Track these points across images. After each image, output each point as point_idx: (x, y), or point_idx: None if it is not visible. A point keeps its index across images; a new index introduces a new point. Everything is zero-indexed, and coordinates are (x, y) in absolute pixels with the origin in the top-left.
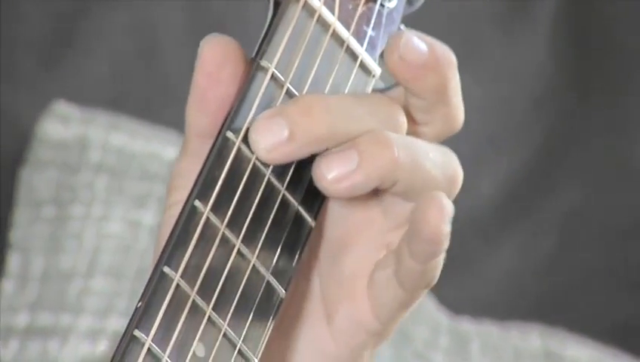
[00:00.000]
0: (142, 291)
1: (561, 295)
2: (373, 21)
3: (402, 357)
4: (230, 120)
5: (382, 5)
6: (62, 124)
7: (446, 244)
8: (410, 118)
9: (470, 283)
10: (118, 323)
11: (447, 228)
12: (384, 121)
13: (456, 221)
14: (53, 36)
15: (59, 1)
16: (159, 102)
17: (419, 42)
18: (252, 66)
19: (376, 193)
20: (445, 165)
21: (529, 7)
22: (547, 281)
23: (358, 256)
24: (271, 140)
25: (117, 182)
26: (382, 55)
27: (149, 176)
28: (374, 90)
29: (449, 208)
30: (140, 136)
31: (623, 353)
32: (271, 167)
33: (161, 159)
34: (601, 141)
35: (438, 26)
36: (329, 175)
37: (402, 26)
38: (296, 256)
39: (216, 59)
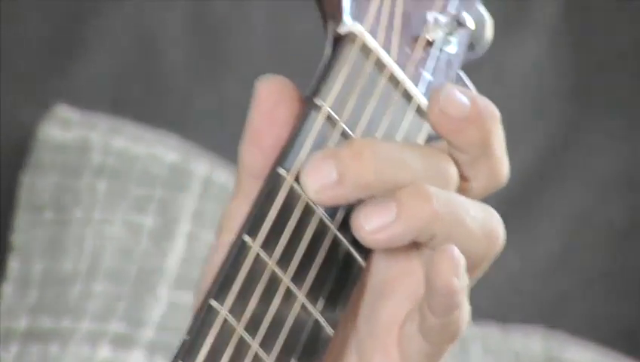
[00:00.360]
0: (189, 324)
1: (562, 298)
2: (430, 66)
3: None
4: (283, 157)
5: (441, 50)
6: (63, 128)
7: (461, 298)
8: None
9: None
10: (118, 327)
11: (458, 282)
12: (434, 172)
13: None
14: (54, 39)
15: (60, 4)
16: (160, 105)
17: (460, 95)
18: (307, 105)
19: (417, 245)
20: (486, 223)
21: (529, 9)
22: (548, 284)
23: (394, 306)
24: (320, 182)
25: (118, 185)
26: None
27: (149, 179)
28: (430, 136)
29: (461, 261)
30: (140, 139)
31: (625, 356)
32: (322, 207)
33: (162, 162)
34: (603, 144)
35: None
36: (367, 226)
37: (461, 73)
38: (346, 296)
39: (271, 99)
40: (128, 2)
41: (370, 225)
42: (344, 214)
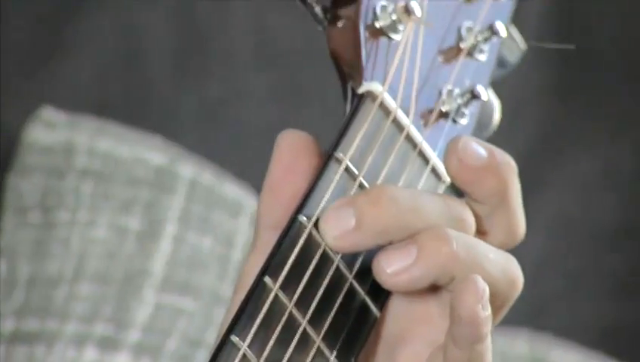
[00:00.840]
0: (209, 358)
1: (548, 300)
2: (443, 136)
3: None
4: (303, 204)
5: (454, 121)
6: (48, 130)
7: (485, 329)
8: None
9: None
10: (104, 329)
11: (483, 311)
12: (451, 218)
13: None
14: (38, 41)
15: (43, 7)
16: (145, 107)
17: (477, 146)
18: (327, 158)
19: (435, 291)
20: (505, 267)
21: (515, 10)
22: (534, 286)
23: (413, 352)
24: (339, 228)
25: (103, 187)
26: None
27: (135, 181)
28: None
29: (486, 290)
30: (125, 141)
31: (610, 358)
32: (340, 255)
33: (147, 164)
34: (587, 145)
35: None
36: (388, 268)
37: None
38: (360, 344)
39: (292, 152)
40: (112, 4)
41: (391, 268)
42: (360, 264)
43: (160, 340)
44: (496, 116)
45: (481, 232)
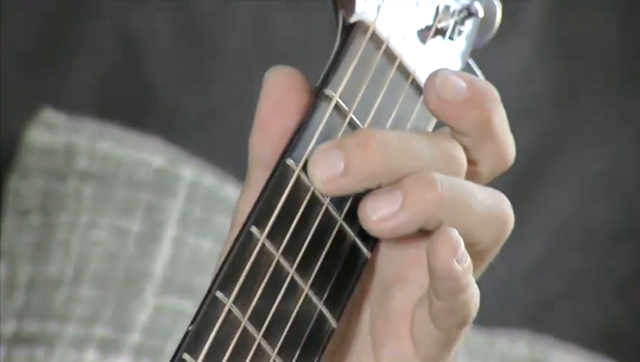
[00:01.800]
0: (194, 314)
1: (548, 301)
2: (440, 55)
3: None
4: (291, 147)
5: (450, 39)
6: (49, 132)
7: (466, 281)
8: None
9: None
10: (104, 331)
11: (458, 265)
12: (442, 159)
13: None
14: (39, 42)
15: (44, 7)
16: (146, 109)
17: (457, 79)
18: (316, 95)
19: (426, 234)
20: (494, 206)
21: (516, 11)
22: (534, 288)
23: (406, 294)
24: (327, 172)
25: (104, 189)
26: None
27: (135, 183)
28: (437, 125)
29: (460, 243)
30: (126, 143)
31: (610, 360)
32: (329, 197)
33: (148, 166)
34: (589, 146)
35: None
36: (374, 215)
37: (470, 61)
38: (350, 287)
39: (280, 89)
40: (114, 6)
41: (376, 215)
42: (350, 205)
43: (160, 342)
44: (497, 20)
45: (470, 162)
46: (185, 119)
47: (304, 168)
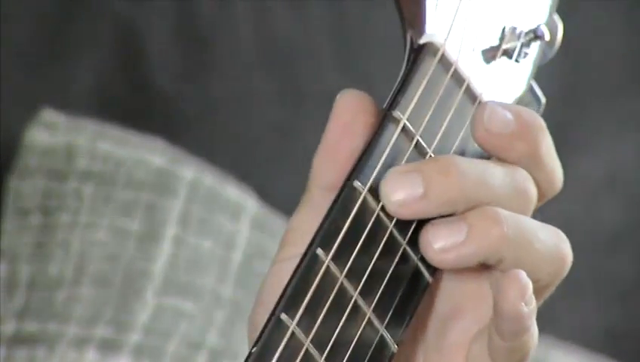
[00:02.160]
0: (256, 336)
1: (547, 303)
2: (505, 77)
3: None
4: (358, 169)
5: (516, 61)
6: (49, 132)
7: (530, 323)
8: None
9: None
10: (104, 331)
11: (526, 307)
12: (515, 192)
13: None
14: (38, 42)
15: (43, 7)
16: (146, 109)
17: (504, 112)
18: (384, 117)
19: (487, 268)
20: (554, 246)
21: None
22: None
23: (463, 327)
24: (404, 195)
25: (104, 189)
26: None
27: (136, 183)
28: None
29: (529, 286)
30: (126, 143)
31: (611, 360)
32: (394, 220)
33: (148, 167)
34: (591, 147)
35: None
36: (436, 244)
37: (533, 83)
38: (412, 312)
39: (350, 111)
40: (114, 6)
41: (438, 244)
42: (414, 230)
43: (160, 342)
44: (559, 38)
45: None
46: (185, 119)
47: (370, 190)
